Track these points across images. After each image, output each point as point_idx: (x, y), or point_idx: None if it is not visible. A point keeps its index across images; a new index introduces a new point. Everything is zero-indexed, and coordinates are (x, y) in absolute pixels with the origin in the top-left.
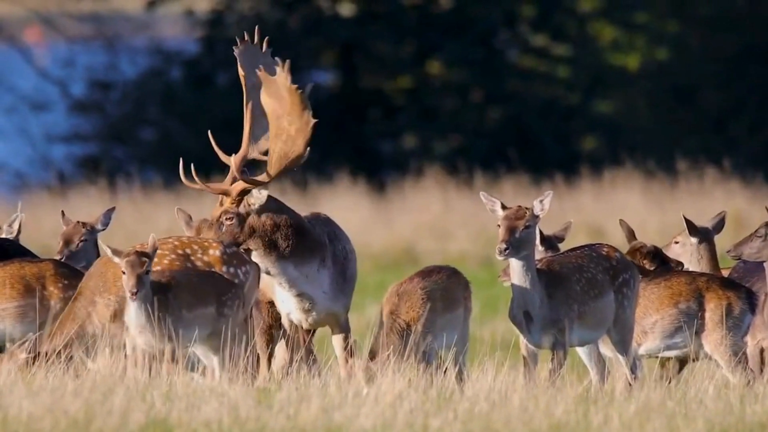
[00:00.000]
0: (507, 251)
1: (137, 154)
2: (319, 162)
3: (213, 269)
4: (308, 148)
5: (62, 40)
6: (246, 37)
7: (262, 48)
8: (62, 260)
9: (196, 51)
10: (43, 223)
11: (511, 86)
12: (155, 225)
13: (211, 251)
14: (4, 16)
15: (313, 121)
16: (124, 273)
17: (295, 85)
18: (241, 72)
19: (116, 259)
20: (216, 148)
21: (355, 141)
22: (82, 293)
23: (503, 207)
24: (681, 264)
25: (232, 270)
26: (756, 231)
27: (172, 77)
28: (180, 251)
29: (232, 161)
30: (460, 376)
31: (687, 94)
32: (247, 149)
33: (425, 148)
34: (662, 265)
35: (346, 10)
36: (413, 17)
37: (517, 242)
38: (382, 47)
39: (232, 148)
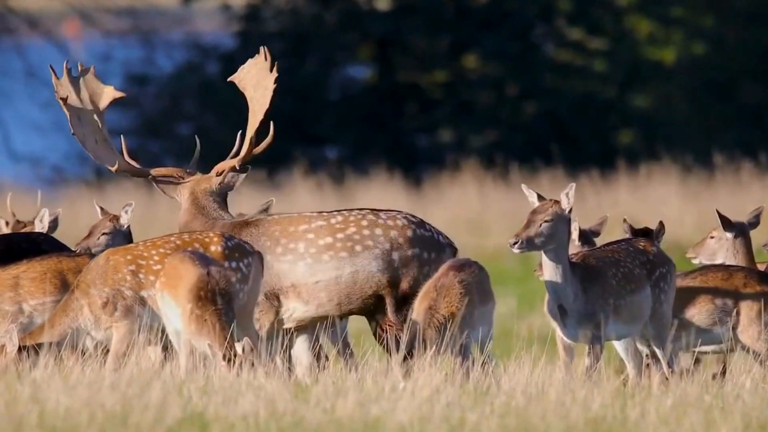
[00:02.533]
0: (515, 245)
1: (173, 148)
2: (355, 156)
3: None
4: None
5: (99, 34)
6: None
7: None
8: (78, 252)
9: (232, 45)
10: (80, 218)
11: (548, 80)
12: None
13: (212, 247)
14: (41, 10)
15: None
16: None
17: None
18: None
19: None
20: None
21: (392, 135)
22: (78, 286)
23: (539, 199)
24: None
25: (234, 264)
26: None
27: (208, 72)
28: (177, 243)
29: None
30: (492, 368)
31: (723, 88)
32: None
33: (461, 142)
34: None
35: (383, 4)
36: (449, 11)
37: (532, 237)
38: (419, 41)
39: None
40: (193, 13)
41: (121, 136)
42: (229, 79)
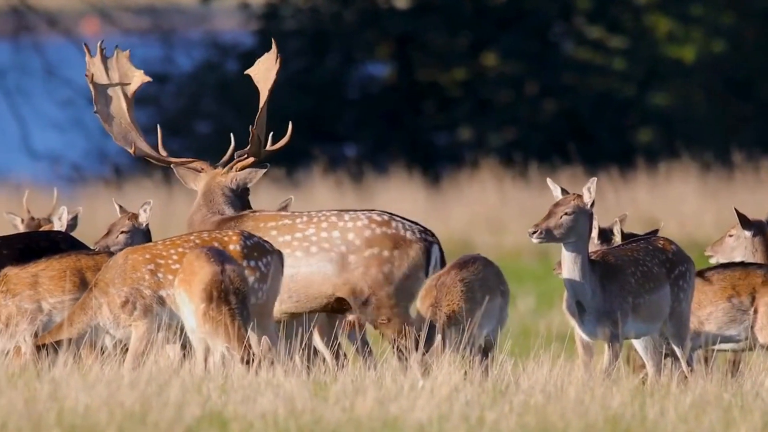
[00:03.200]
0: (534, 234)
1: (193, 146)
2: (374, 154)
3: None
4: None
5: (118, 33)
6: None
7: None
8: (97, 251)
9: (251, 44)
10: (98, 216)
11: (567, 79)
12: None
13: (231, 246)
14: (60, 8)
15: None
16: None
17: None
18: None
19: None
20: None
21: (411, 133)
22: (97, 284)
23: (562, 193)
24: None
25: (252, 263)
26: None
27: (227, 70)
28: (196, 242)
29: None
30: (487, 358)
31: (743, 86)
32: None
33: (480, 140)
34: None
35: (402, 2)
36: (468, 9)
37: (552, 228)
38: (437, 39)
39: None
40: (213, 12)
41: (158, 125)
42: (246, 72)
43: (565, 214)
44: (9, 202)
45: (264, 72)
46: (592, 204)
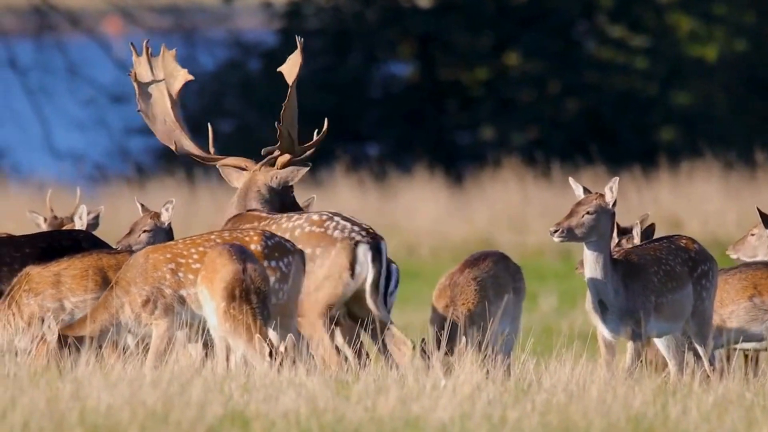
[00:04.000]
0: (556, 233)
1: (215, 145)
2: (396, 154)
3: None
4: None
5: (141, 32)
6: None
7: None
8: (119, 250)
9: (273, 43)
10: (121, 215)
11: (589, 77)
12: None
13: (252, 246)
14: (83, 7)
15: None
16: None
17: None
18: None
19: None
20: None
21: (433, 133)
22: (118, 283)
23: (584, 193)
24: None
25: (273, 264)
26: None
27: (250, 69)
28: (217, 242)
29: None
30: (504, 361)
31: (765, 86)
32: None
33: (503, 139)
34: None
35: (424, 1)
36: (491, 8)
37: (573, 227)
38: (460, 39)
39: (309, 140)
40: (235, 11)
41: (209, 123)
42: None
43: (587, 213)
44: (32, 202)
45: (290, 68)
46: (614, 203)
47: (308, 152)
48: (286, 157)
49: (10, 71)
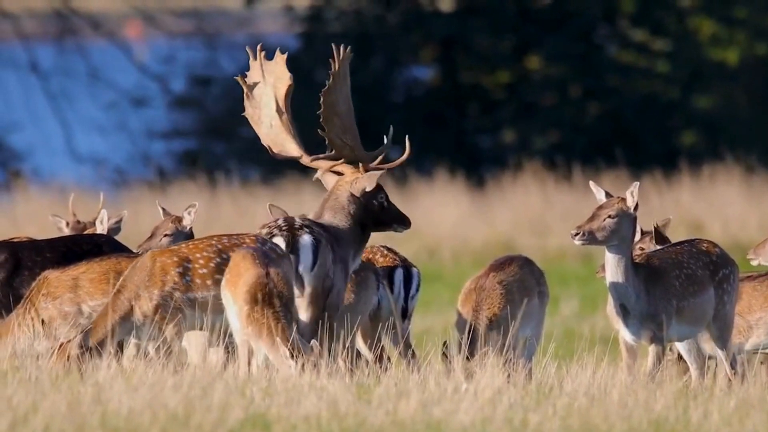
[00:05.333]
0: (577, 236)
1: (237, 149)
2: (418, 157)
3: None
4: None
5: (162, 36)
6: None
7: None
8: (139, 254)
9: (295, 47)
10: (142, 219)
11: (611, 81)
12: (254, 220)
13: None
14: (104, 11)
15: None
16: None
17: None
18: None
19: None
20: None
21: (455, 136)
22: (126, 286)
23: (606, 197)
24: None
25: None
26: None
27: None
28: (218, 248)
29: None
30: (525, 365)
31: None
32: None
33: (524, 143)
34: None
35: (446, 5)
36: (512, 12)
37: (594, 230)
38: (482, 42)
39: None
40: (256, 15)
41: (319, 130)
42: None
43: (609, 216)
44: (53, 206)
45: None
46: (636, 207)
47: (381, 157)
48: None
49: (31, 75)
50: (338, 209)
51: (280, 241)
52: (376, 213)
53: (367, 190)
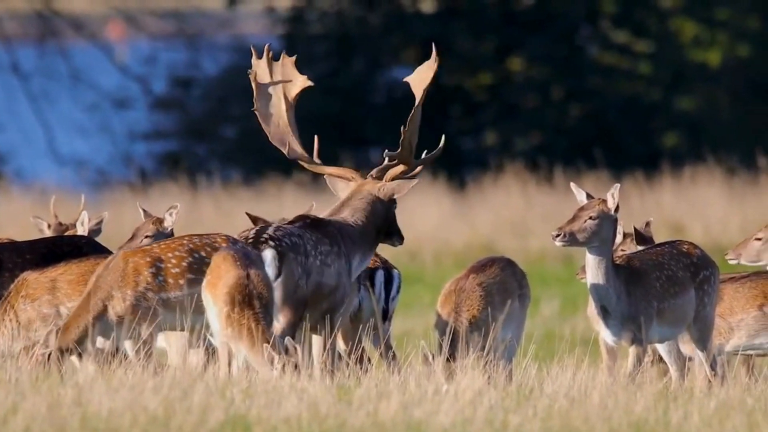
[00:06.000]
0: (558, 237)
1: (218, 151)
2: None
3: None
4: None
5: (144, 37)
6: None
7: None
8: None
9: (277, 48)
10: (124, 220)
11: (592, 83)
12: (235, 222)
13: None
14: (85, 13)
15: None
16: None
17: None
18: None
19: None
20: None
21: (436, 138)
22: (99, 286)
23: (587, 198)
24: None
25: None
26: None
27: None
28: (190, 247)
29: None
30: (506, 366)
31: None
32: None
33: (506, 144)
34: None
35: (428, 6)
36: (494, 14)
37: (575, 231)
38: (464, 44)
39: (313, 145)
40: (238, 16)
41: (315, 136)
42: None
43: (590, 218)
44: (35, 207)
45: (420, 79)
46: (617, 209)
47: (420, 168)
48: (399, 168)
49: (13, 76)
50: (359, 209)
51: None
52: (390, 221)
53: (397, 195)
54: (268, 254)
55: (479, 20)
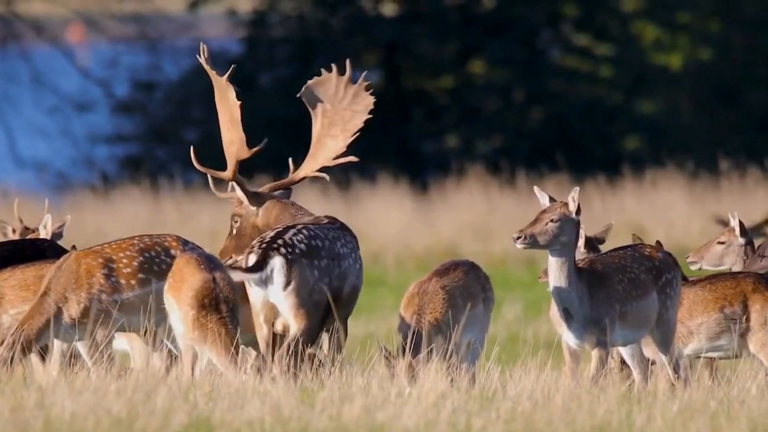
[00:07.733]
0: (519, 239)
1: (180, 154)
2: (361, 162)
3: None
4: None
5: (105, 40)
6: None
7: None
8: None
9: (238, 51)
10: (86, 224)
11: (554, 86)
12: (198, 225)
13: (171, 251)
14: (46, 15)
15: None
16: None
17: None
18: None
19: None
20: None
21: (398, 141)
22: (52, 288)
23: (550, 202)
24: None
25: None
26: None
27: None
28: (140, 247)
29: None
30: (469, 369)
31: (730, 94)
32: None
33: (468, 148)
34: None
35: (389, 10)
36: (456, 17)
37: (536, 234)
38: (425, 47)
39: (275, 149)
40: (199, 19)
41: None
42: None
43: (551, 221)
44: None
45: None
46: (578, 212)
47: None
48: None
49: None
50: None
51: (252, 259)
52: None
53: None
54: (277, 262)
55: (440, 24)
